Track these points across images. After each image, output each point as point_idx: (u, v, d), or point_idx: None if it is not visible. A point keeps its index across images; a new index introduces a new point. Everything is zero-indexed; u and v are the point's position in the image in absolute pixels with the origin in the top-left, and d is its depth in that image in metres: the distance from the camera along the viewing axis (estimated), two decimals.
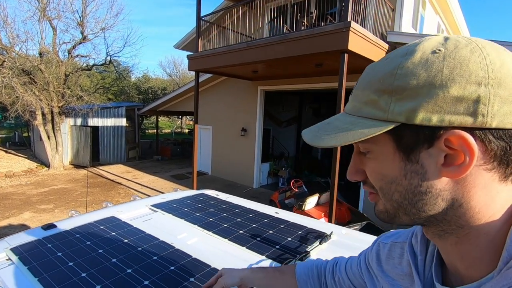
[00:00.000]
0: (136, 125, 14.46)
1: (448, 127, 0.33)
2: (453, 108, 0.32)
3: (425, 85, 0.33)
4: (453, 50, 0.33)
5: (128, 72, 20.37)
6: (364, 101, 0.38)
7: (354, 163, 0.44)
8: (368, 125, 0.37)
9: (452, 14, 9.16)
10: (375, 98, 0.37)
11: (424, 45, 0.36)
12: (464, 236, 0.37)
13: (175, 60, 34.11)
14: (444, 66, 0.33)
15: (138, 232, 1.43)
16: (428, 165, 0.35)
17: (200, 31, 7.02)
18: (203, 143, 11.09)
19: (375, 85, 0.37)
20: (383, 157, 0.39)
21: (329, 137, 0.39)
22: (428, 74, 0.33)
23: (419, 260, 0.46)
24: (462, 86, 0.32)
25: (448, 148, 0.33)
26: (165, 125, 31.82)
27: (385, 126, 0.35)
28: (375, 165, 0.40)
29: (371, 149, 0.40)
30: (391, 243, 0.56)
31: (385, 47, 5.43)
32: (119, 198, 8.04)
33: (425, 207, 0.37)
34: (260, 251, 1.29)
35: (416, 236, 0.49)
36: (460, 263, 0.39)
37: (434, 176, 0.35)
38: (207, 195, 2.14)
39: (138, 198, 2.05)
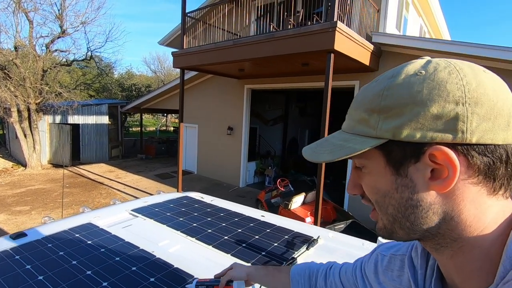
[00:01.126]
0: (119, 123, 14.06)
1: (431, 143, 0.35)
2: (434, 125, 0.35)
3: (408, 105, 0.36)
4: (432, 72, 0.36)
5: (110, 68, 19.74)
6: (357, 120, 0.42)
7: (352, 178, 0.46)
8: (359, 142, 0.40)
9: (434, 16, 9.41)
10: (366, 117, 0.40)
11: (408, 68, 0.39)
12: (459, 249, 0.38)
13: (160, 56, 33.45)
14: (424, 87, 0.36)
15: (116, 240, 1.35)
16: (416, 179, 0.37)
17: (186, 27, 6.87)
18: (189, 142, 10.92)
19: (366, 105, 0.40)
20: (376, 172, 0.41)
21: (324, 153, 0.43)
22: (410, 94, 0.36)
23: (419, 274, 0.47)
24: (441, 105, 0.34)
25: (433, 163, 0.36)
26: (149, 123, 31.18)
27: (374, 142, 0.38)
28: (370, 179, 0.42)
29: (365, 164, 0.42)
30: (391, 255, 0.57)
31: (370, 48, 5.49)
32: (100, 199, 7.79)
33: (417, 221, 0.38)
34: (246, 259, 1.24)
35: (416, 249, 0.50)
36: (456, 276, 0.40)
37: (423, 190, 0.37)
38: (191, 198, 2.07)
39: (118, 202, 1.95)
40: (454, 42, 4.98)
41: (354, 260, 1.32)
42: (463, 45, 4.83)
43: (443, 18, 10.04)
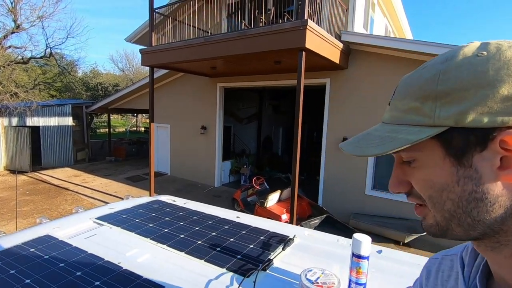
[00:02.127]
0: (84, 124, 13.28)
1: (502, 127, 0.32)
2: (504, 108, 0.32)
3: (472, 87, 0.33)
4: (496, 52, 0.34)
5: (73, 67, 18.55)
6: (405, 109, 0.39)
7: (396, 175, 0.43)
8: (413, 132, 0.37)
9: (397, 16, 9.88)
10: (418, 105, 0.37)
11: (464, 50, 0.36)
12: None
13: (127, 54, 32.06)
14: (489, 68, 0.33)
15: (78, 252, 1.24)
16: (482, 168, 0.34)
17: (154, 24, 6.61)
18: (161, 142, 10.57)
19: (416, 92, 0.38)
20: (432, 164, 0.37)
21: (372, 146, 0.39)
22: (474, 76, 0.34)
23: (466, 271, 0.46)
24: (511, 85, 0.32)
25: (504, 150, 0.33)
26: (118, 124, 29.81)
27: (432, 131, 0.35)
28: (423, 173, 0.39)
29: (417, 157, 0.39)
30: (443, 256, 0.56)
31: (339, 46, 5.63)
32: (66, 206, 7.31)
33: (481, 215, 0.35)
34: (221, 263, 1.19)
35: (467, 249, 0.49)
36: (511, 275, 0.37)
37: (490, 181, 0.34)
38: (162, 202, 1.97)
39: (82, 210, 1.81)
40: (416, 42, 5.24)
41: (331, 256, 1.33)
42: (423, 44, 5.10)
43: (405, 19, 10.57)
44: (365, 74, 6.12)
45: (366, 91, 6.11)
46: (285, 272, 1.18)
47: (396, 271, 1.22)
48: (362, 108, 6.18)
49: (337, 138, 6.53)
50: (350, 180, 6.46)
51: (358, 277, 0.99)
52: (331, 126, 6.65)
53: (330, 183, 6.76)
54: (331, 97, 6.59)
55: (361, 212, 6.27)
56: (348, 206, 6.44)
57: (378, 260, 1.29)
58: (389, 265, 1.27)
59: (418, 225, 5.47)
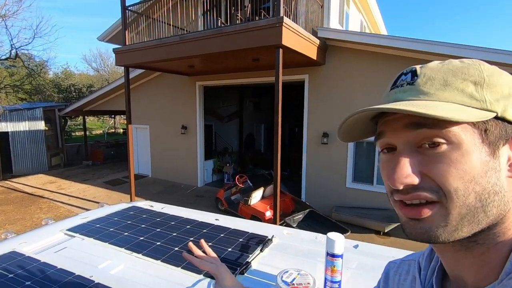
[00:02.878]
0: (58, 128, 12.70)
1: None
2: None
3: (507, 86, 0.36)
4: None
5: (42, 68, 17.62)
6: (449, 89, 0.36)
7: (406, 163, 0.36)
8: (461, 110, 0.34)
9: (372, 12, 10.11)
10: (466, 88, 0.36)
11: None
12: (494, 246, 0.36)
13: (102, 53, 30.86)
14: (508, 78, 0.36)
15: (46, 268, 1.18)
16: (503, 162, 0.35)
17: (127, 22, 6.39)
18: (141, 144, 10.30)
19: (461, 76, 0.36)
20: (469, 149, 0.34)
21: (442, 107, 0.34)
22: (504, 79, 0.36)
23: (422, 274, 0.48)
24: None
25: None
26: (95, 126, 28.75)
27: (483, 114, 0.34)
28: (455, 159, 0.34)
29: (451, 138, 0.34)
30: (401, 261, 0.58)
31: (316, 42, 5.68)
32: (41, 214, 6.98)
33: (492, 211, 0.35)
34: (197, 270, 1.17)
35: (423, 255, 0.51)
36: (474, 274, 0.38)
37: (505, 174, 0.35)
38: (138, 208, 1.91)
39: (52, 222, 1.72)
40: (390, 37, 5.39)
41: (308, 254, 1.34)
42: (397, 39, 5.25)
43: (380, 15, 10.84)
44: (343, 70, 6.23)
45: (344, 86, 6.23)
46: (263, 274, 1.17)
47: (371, 265, 1.25)
48: (340, 103, 6.29)
49: (317, 133, 6.63)
50: (331, 174, 6.58)
51: (333, 276, 1.00)
52: (311, 122, 6.74)
53: (312, 178, 6.86)
54: (310, 93, 6.66)
55: (343, 204, 6.41)
56: (330, 200, 6.57)
57: (354, 255, 1.32)
58: (365, 259, 1.29)
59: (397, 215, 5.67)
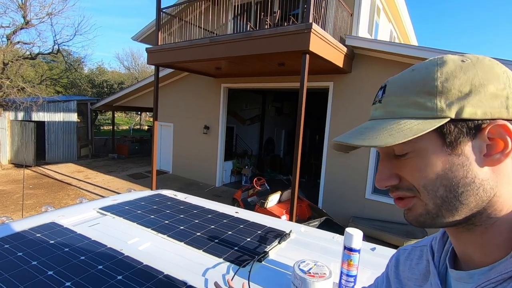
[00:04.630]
0: (89, 120, 13.41)
1: (490, 119, 0.38)
2: (491, 103, 0.38)
3: (467, 85, 0.39)
4: (477, 60, 0.41)
5: (79, 63, 18.75)
6: (405, 105, 0.42)
7: (384, 169, 0.45)
8: (417, 124, 0.40)
9: (403, 22, 9.91)
10: (419, 100, 0.41)
11: (449, 57, 0.42)
12: (491, 225, 0.40)
13: (133, 52, 32.36)
14: (478, 70, 0.39)
15: (82, 239, 1.29)
16: (472, 156, 0.39)
17: (161, 23, 6.71)
18: (164, 141, 10.65)
19: (416, 89, 0.41)
20: (428, 154, 0.41)
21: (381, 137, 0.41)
22: (468, 76, 0.39)
23: (436, 256, 0.51)
24: (495, 85, 0.38)
25: (489, 139, 0.38)
26: (122, 122, 30.02)
27: (436, 122, 0.39)
28: (419, 163, 0.42)
29: (414, 148, 0.42)
30: (412, 247, 0.61)
31: (343, 50, 5.67)
32: (68, 200, 7.39)
33: (468, 199, 0.39)
34: (218, 254, 1.24)
35: (436, 238, 0.54)
36: (479, 251, 0.42)
37: (477, 166, 0.39)
38: (163, 196, 2.02)
39: (86, 200, 1.87)
40: (421, 48, 5.28)
41: (325, 251, 1.37)
42: (429, 50, 5.13)
43: (411, 25, 10.59)
44: (369, 79, 6.16)
45: (369, 96, 6.14)
46: (280, 264, 1.22)
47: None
48: (364, 112, 6.21)
49: None
50: (350, 183, 6.48)
51: (349, 269, 1.03)
52: (333, 130, 6.69)
53: (331, 186, 6.78)
54: (334, 100, 6.63)
55: (361, 215, 6.28)
56: (348, 209, 6.46)
57: (371, 257, 1.33)
58: (382, 261, 1.30)
59: (417, 231, 5.48)
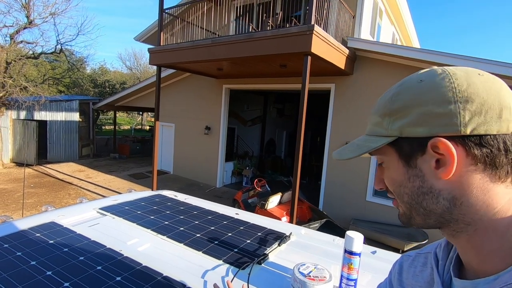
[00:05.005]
0: (90, 120, 13.45)
1: (432, 136, 0.41)
2: (433, 122, 0.41)
3: (411, 106, 0.43)
4: (430, 79, 0.43)
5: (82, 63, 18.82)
6: (374, 123, 0.49)
7: (377, 174, 0.53)
8: (375, 141, 0.48)
9: (405, 24, 9.89)
10: (380, 120, 0.47)
11: (413, 76, 0.46)
12: (474, 232, 0.42)
13: (136, 53, 32.41)
14: (423, 91, 0.43)
15: (81, 239, 1.29)
16: (424, 168, 0.43)
17: (163, 24, 6.73)
18: (165, 141, 10.66)
19: (380, 110, 0.48)
20: (392, 165, 0.48)
21: (348, 152, 0.51)
22: (412, 97, 0.43)
23: (440, 264, 0.52)
24: (436, 105, 0.41)
25: (436, 153, 0.41)
26: (124, 122, 30.10)
27: (385, 140, 0.46)
28: (388, 173, 0.49)
29: (383, 159, 0.50)
30: (416, 254, 0.62)
31: (345, 52, 5.67)
32: (69, 199, 7.40)
33: (430, 206, 0.43)
34: (217, 255, 1.23)
35: (441, 246, 0.55)
36: (475, 258, 0.44)
37: (431, 178, 0.42)
38: (164, 196, 2.02)
39: (86, 200, 1.87)
40: (422, 50, 5.27)
41: (325, 254, 1.36)
42: (429, 53, 5.12)
43: (413, 27, 10.57)
44: (371, 81, 6.15)
45: (371, 98, 6.13)
46: (280, 266, 1.21)
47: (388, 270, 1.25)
48: (366, 114, 6.19)
49: (340, 143, 6.55)
50: (351, 185, 6.46)
51: (349, 273, 1.02)
52: (334, 132, 6.68)
53: (331, 188, 6.76)
54: (335, 102, 6.62)
55: (361, 218, 6.26)
56: (349, 212, 6.44)
57: (371, 260, 1.32)
58: (382, 265, 1.29)
59: (418, 234, 5.45)
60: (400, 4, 8.47)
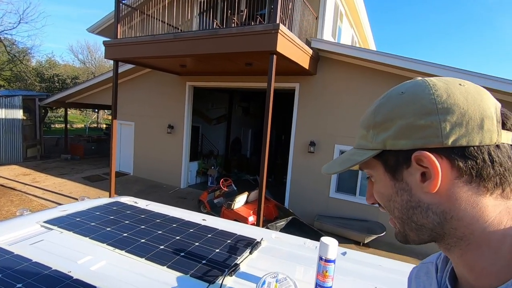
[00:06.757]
0: (37, 118, 12.18)
1: (415, 149, 0.40)
2: (414, 134, 0.40)
3: (392, 119, 0.42)
4: (411, 91, 0.42)
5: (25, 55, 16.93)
6: (360, 136, 0.48)
7: (368, 189, 0.51)
8: (360, 154, 0.46)
9: (363, 28, 10.42)
10: (365, 133, 0.47)
11: (396, 88, 0.45)
12: (466, 247, 0.40)
13: (89, 45, 30.06)
14: (403, 104, 0.42)
15: (20, 261, 1.10)
16: (410, 182, 0.42)
17: (120, 15, 6.27)
18: (124, 141, 10.03)
19: (364, 123, 0.47)
20: (379, 179, 0.46)
21: (336, 166, 0.50)
22: (393, 110, 0.43)
23: (439, 276, 0.51)
24: (417, 117, 0.40)
25: (421, 166, 0.40)
26: (77, 120, 27.82)
27: (370, 153, 0.45)
28: (376, 187, 0.48)
29: (371, 173, 0.48)
30: (421, 264, 0.61)
31: (309, 52, 5.78)
32: (11, 207, 6.61)
33: (420, 220, 0.42)
34: (184, 270, 1.13)
35: (441, 256, 0.54)
36: (469, 274, 0.42)
37: (418, 191, 0.41)
38: (122, 204, 1.84)
39: (27, 213, 1.62)
40: (382, 53, 5.56)
41: (297, 258, 1.32)
42: (387, 56, 5.42)
43: (370, 31, 11.19)
44: (333, 81, 6.35)
45: (333, 98, 6.34)
46: (252, 277, 1.15)
47: (359, 272, 1.25)
48: (329, 113, 6.39)
49: (304, 142, 6.68)
50: (315, 183, 6.64)
51: (324, 281, 0.99)
52: (299, 130, 6.79)
53: (297, 185, 6.89)
54: (300, 101, 6.74)
55: (325, 213, 6.46)
56: (313, 208, 6.61)
57: (343, 262, 1.31)
58: (354, 266, 1.29)
59: (376, 227, 5.78)
60: (359, 7, 8.89)
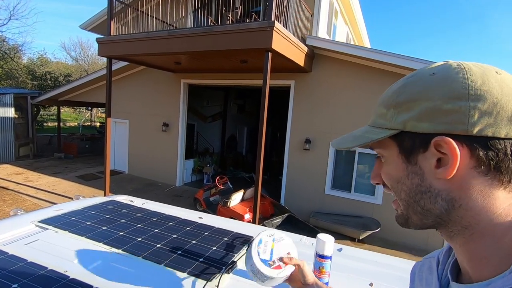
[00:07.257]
0: (29, 116, 11.99)
1: (437, 134, 0.39)
2: (438, 118, 0.39)
3: (417, 100, 0.41)
4: (443, 73, 0.41)
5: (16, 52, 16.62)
6: (378, 114, 0.47)
7: (375, 168, 0.51)
8: (376, 132, 0.45)
9: (358, 26, 10.45)
10: (385, 111, 0.45)
11: (426, 68, 0.43)
12: (470, 236, 0.40)
13: (82, 42, 29.70)
14: (433, 85, 0.40)
15: (15, 261, 1.09)
16: (424, 166, 0.41)
17: (113, 12, 6.19)
18: (119, 139, 9.95)
19: (385, 101, 0.46)
20: (391, 160, 0.46)
21: (347, 142, 0.49)
22: (420, 91, 0.41)
23: (440, 269, 0.52)
24: (444, 101, 0.38)
25: (438, 152, 0.39)
26: (70, 118, 27.48)
27: (387, 133, 0.44)
28: (386, 167, 0.47)
29: (383, 153, 0.48)
30: (424, 259, 0.62)
31: (304, 50, 5.78)
32: (4, 207, 6.53)
33: (427, 206, 0.42)
34: (181, 268, 1.13)
35: (443, 251, 0.54)
36: (468, 262, 0.42)
37: (430, 177, 0.41)
38: (118, 203, 1.83)
39: (21, 212, 1.61)
40: (376, 51, 5.59)
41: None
42: (382, 53, 5.45)
43: (365, 28, 11.23)
44: (328, 78, 6.37)
45: (329, 95, 6.36)
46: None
47: (355, 268, 1.27)
48: (324, 111, 6.42)
49: (300, 139, 6.70)
50: (311, 180, 6.67)
51: (321, 277, 1.00)
52: (294, 127, 6.81)
53: (292, 182, 6.92)
54: (295, 99, 6.75)
55: (321, 210, 6.51)
56: (309, 205, 6.65)
57: (339, 258, 1.33)
58: (349, 262, 1.31)
59: (371, 223, 5.84)
60: (354, 5, 8.90)
